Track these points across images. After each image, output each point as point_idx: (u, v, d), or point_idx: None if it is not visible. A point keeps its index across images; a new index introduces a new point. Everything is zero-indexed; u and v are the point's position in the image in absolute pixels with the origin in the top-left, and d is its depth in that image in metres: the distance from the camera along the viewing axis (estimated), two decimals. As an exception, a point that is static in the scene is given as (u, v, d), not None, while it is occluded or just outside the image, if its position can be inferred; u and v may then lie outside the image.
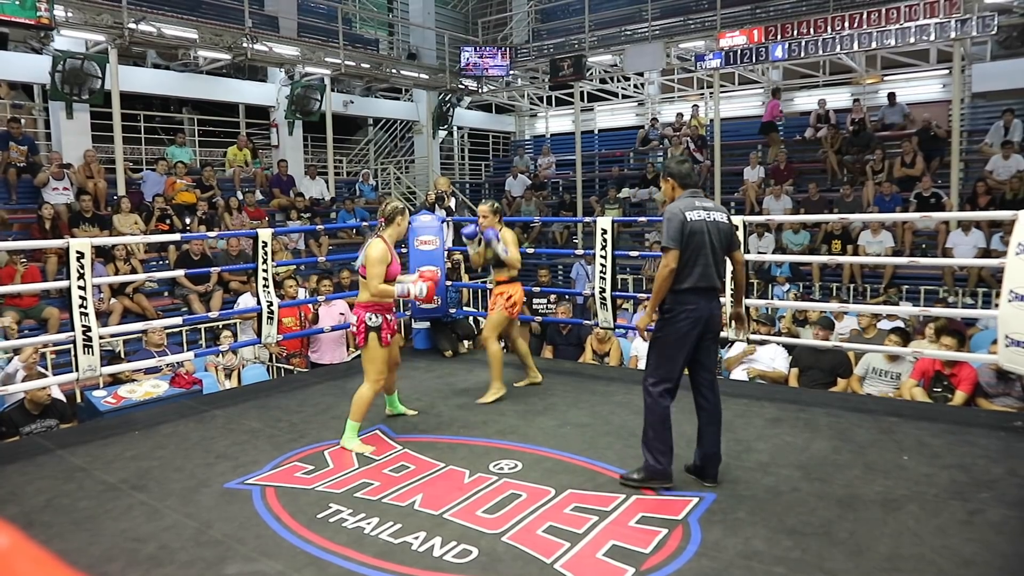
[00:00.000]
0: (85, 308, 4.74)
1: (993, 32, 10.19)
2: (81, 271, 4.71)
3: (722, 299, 5.53)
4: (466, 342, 7.07)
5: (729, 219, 3.68)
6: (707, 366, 3.65)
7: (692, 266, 3.48)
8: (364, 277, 4.31)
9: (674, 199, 3.67)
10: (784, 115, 14.30)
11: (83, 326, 4.73)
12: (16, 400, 5.32)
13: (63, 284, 4.87)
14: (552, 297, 8.07)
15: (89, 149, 10.27)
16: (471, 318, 7.60)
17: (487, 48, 15.23)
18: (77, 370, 4.78)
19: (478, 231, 5.26)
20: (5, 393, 5.02)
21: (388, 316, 4.39)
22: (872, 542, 2.94)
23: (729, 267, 4.01)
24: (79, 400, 5.72)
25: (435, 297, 6.60)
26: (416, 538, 3.07)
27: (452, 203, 7.69)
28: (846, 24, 10.81)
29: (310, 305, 7.61)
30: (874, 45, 10.89)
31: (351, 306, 8.10)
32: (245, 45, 11.33)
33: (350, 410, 4.28)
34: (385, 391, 4.79)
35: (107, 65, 9.97)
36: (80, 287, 4.72)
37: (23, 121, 10.49)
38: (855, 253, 10.14)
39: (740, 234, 5.34)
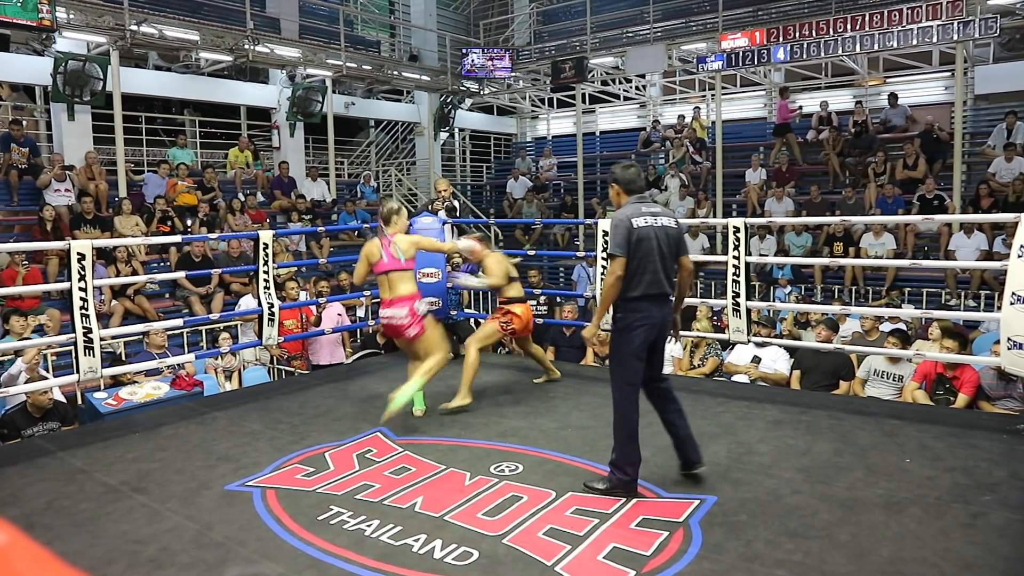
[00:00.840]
0: (86, 310, 4.74)
1: (996, 34, 10.19)
2: (82, 273, 4.71)
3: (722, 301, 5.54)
4: (467, 344, 7.06)
5: (678, 223, 3.65)
6: (660, 368, 3.70)
7: (642, 273, 3.45)
8: (407, 270, 4.66)
9: (621, 205, 3.63)
10: (801, 111, 13.92)
11: (84, 328, 4.73)
12: (18, 403, 5.32)
13: (64, 286, 4.86)
14: (542, 299, 8.08)
15: (90, 151, 10.28)
16: (472, 320, 7.58)
17: (495, 49, 15.23)
18: (78, 372, 4.78)
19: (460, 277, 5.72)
20: (6, 395, 5.02)
21: None
22: (874, 545, 2.93)
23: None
24: (80, 402, 5.72)
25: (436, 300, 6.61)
26: (417, 540, 3.06)
27: (456, 204, 7.72)
28: (848, 26, 10.81)
29: (312, 307, 7.61)
30: (876, 47, 10.89)
31: (348, 308, 8.14)
32: (246, 47, 11.35)
33: (419, 372, 4.65)
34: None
35: (108, 67, 9.98)
36: (81, 289, 4.72)
37: (25, 123, 10.50)
38: (857, 255, 10.13)
39: (741, 236, 5.35)
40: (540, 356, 5.75)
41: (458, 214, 7.32)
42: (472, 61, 14.93)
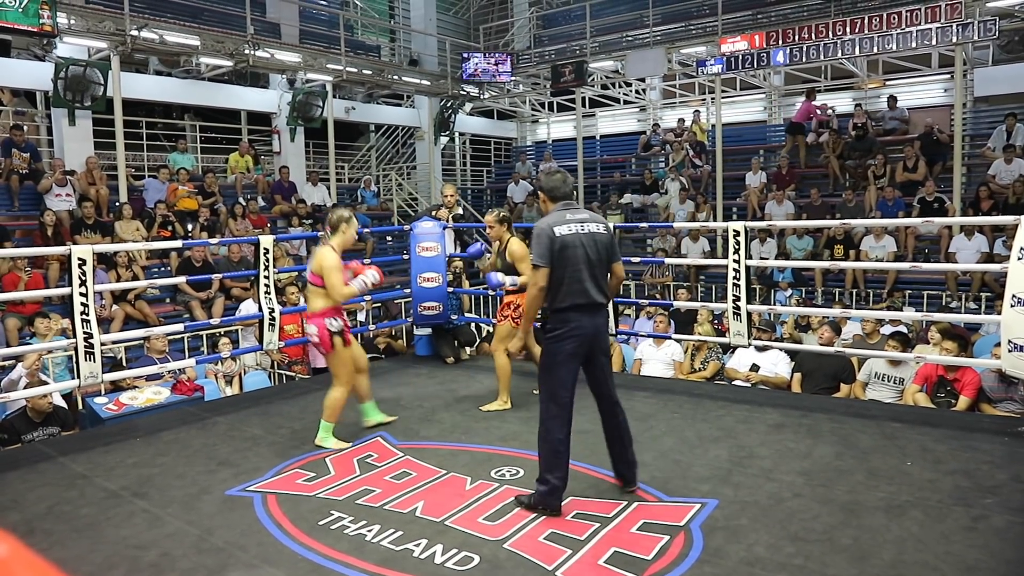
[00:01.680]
0: (87, 315, 4.74)
1: (995, 36, 10.19)
2: (83, 278, 4.72)
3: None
4: (467, 349, 7.06)
5: (608, 229, 3.50)
6: (605, 383, 3.54)
7: (569, 283, 3.32)
8: (317, 286, 4.32)
9: (547, 213, 3.51)
10: (834, 114, 13.38)
11: (85, 332, 4.73)
12: (18, 407, 5.32)
13: (65, 291, 4.87)
14: None
15: (91, 156, 10.28)
16: (472, 325, 7.59)
17: (498, 54, 15.24)
18: (79, 376, 4.78)
19: (483, 250, 5.20)
20: (7, 400, 5.02)
21: (344, 318, 4.46)
22: (875, 548, 2.92)
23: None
24: (81, 407, 5.72)
25: (437, 303, 6.58)
26: (417, 545, 3.06)
27: (459, 210, 7.75)
28: (847, 29, 10.82)
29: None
30: (875, 50, 10.90)
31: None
32: (247, 52, 11.36)
33: (323, 412, 4.40)
34: (359, 399, 4.74)
35: (109, 72, 9.98)
36: (82, 294, 4.72)
37: (26, 128, 10.52)
38: (858, 258, 10.13)
39: (741, 239, 5.34)
40: (499, 367, 5.28)
41: (465, 220, 7.33)
42: (477, 64, 14.92)
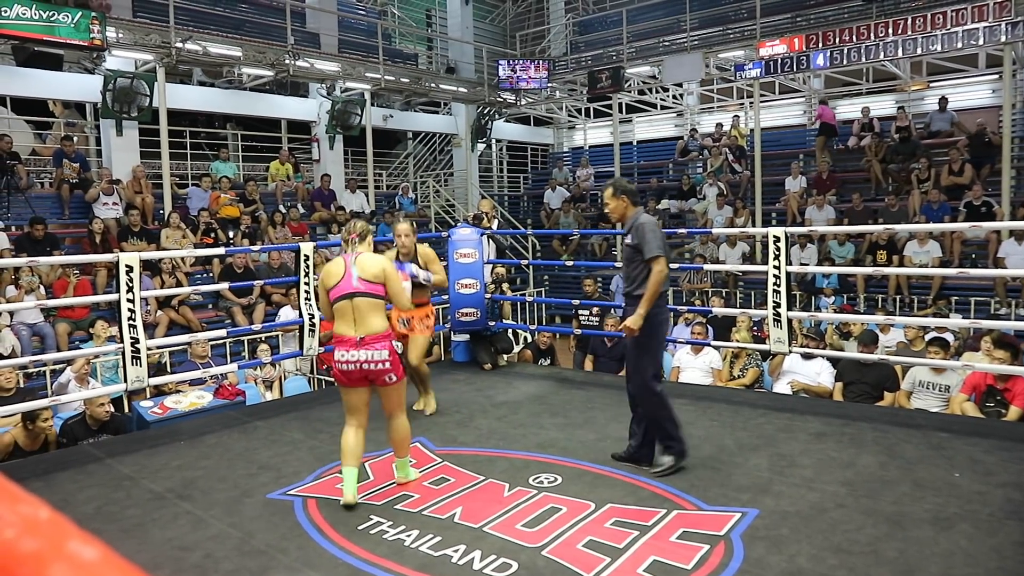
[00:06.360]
0: (133, 320, 4.86)
1: (1045, 35, 9.92)
2: (130, 284, 4.84)
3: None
4: (505, 355, 7.07)
5: None
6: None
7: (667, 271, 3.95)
8: (380, 297, 3.69)
9: (625, 215, 4.07)
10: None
11: (132, 338, 4.85)
12: (77, 413, 5.44)
13: (113, 297, 5.00)
14: (596, 308, 8.14)
15: (138, 165, 10.56)
16: (510, 331, 7.61)
17: (535, 60, 15.27)
18: (126, 381, 4.90)
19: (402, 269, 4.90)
20: (57, 403, 5.16)
21: None
22: (922, 562, 2.85)
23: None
24: (127, 410, 5.86)
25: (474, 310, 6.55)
26: (456, 551, 3.07)
27: (494, 225, 7.78)
28: (889, 30, 10.61)
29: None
30: (919, 51, 10.67)
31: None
32: (287, 62, 11.56)
33: (398, 449, 3.82)
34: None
35: (155, 83, 10.25)
36: (129, 300, 4.84)
37: (76, 139, 10.83)
38: (901, 264, 9.91)
39: (782, 245, 5.30)
40: (426, 375, 5.32)
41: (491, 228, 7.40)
42: (509, 72, 14.97)
